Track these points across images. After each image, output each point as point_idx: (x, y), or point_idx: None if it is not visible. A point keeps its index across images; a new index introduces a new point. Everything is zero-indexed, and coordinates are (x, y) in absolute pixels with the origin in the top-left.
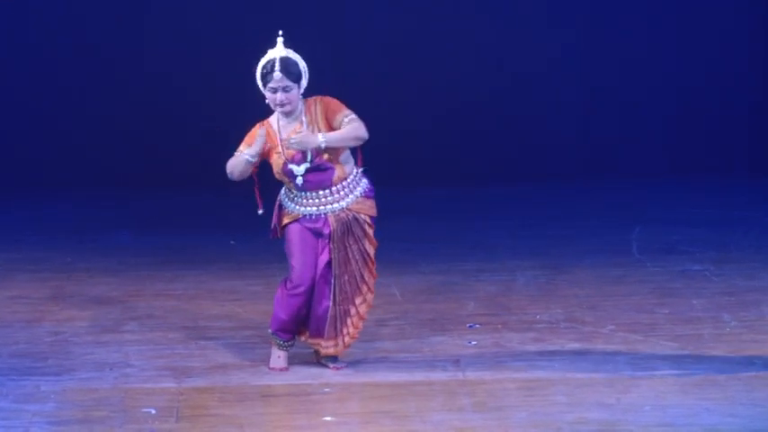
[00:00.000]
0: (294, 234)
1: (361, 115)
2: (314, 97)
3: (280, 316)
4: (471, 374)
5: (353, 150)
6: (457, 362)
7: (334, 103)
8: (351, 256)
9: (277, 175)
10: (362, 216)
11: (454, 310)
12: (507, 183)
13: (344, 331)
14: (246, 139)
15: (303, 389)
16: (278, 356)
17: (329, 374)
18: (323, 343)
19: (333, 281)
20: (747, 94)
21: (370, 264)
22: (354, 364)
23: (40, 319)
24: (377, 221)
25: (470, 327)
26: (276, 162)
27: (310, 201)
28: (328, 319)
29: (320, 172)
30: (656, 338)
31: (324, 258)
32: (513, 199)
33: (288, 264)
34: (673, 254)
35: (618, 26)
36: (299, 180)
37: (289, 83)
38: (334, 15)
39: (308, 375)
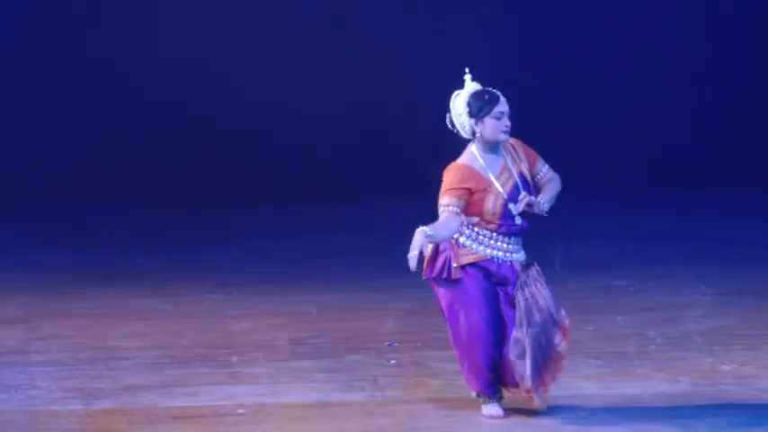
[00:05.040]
0: (473, 283)
1: (297, 125)
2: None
3: (476, 374)
4: (390, 394)
5: None
6: (375, 381)
7: (530, 148)
8: (541, 304)
9: (485, 215)
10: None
11: (372, 328)
12: (430, 198)
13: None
14: (450, 187)
15: (216, 410)
16: (492, 407)
17: (243, 395)
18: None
19: (526, 334)
20: (685, 109)
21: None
22: (269, 384)
23: None
24: None
25: (389, 345)
26: (492, 202)
27: (499, 244)
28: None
29: (526, 213)
30: (581, 356)
31: (507, 308)
32: (434, 214)
33: (449, 315)
34: (595, 269)
35: (569, 44)
36: (518, 219)
37: (509, 110)
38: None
39: (220, 396)
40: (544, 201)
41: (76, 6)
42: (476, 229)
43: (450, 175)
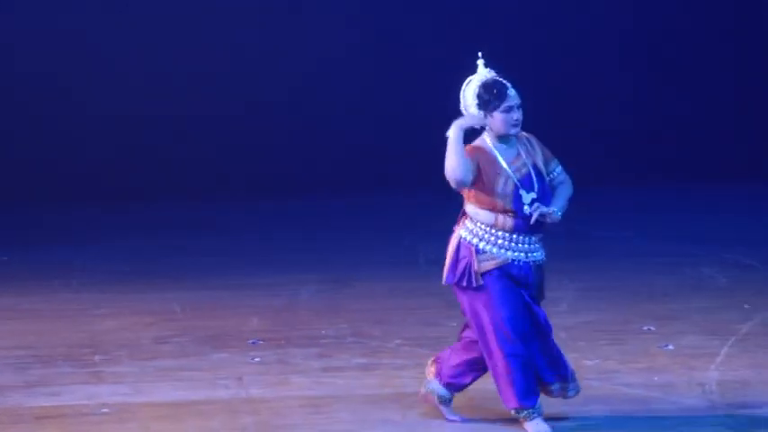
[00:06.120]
0: (495, 283)
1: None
2: (521, 132)
3: (512, 385)
4: (254, 392)
5: None
6: (239, 379)
7: (544, 146)
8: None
9: (497, 198)
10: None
11: (237, 325)
12: (292, 195)
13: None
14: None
15: (79, 410)
16: (537, 424)
17: (106, 394)
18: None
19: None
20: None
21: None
22: (132, 383)
23: None
24: None
25: (253, 343)
26: (503, 184)
27: (520, 245)
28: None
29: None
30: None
31: (538, 311)
32: (298, 212)
33: (478, 323)
34: None
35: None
36: (527, 209)
37: (519, 101)
38: None
39: (83, 396)
40: (557, 209)
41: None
42: (493, 230)
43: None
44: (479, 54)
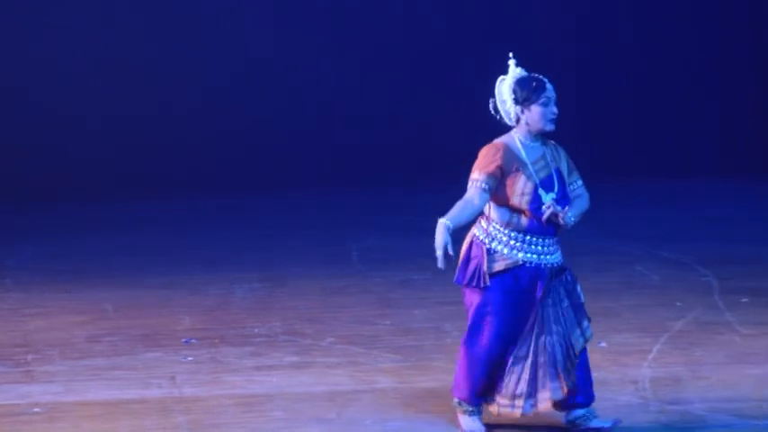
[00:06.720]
0: (501, 294)
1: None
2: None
3: (470, 382)
4: (187, 391)
5: None
6: (172, 378)
7: (570, 158)
8: (560, 313)
9: (515, 198)
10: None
11: (169, 324)
12: (228, 194)
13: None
14: (482, 163)
15: (10, 409)
16: (473, 421)
17: (38, 394)
18: (501, 401)
19: (532, 339)
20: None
21: (582, 314)
22: (65, 382)
23: None
24: None
25: (186, 342)
26: (525, 185)
27: (532, 247)
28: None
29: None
30: (378, 350)
31: (530, 318)
32: (235, 211)
33: (474, 318)
34: (393, 263)
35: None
36: (544, 209)
37: (556, 96)
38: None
39: (16, 395)
40: (570, 214)
41: None
42: (506, 230)
43: (483, 152)
44: (510, 54)
